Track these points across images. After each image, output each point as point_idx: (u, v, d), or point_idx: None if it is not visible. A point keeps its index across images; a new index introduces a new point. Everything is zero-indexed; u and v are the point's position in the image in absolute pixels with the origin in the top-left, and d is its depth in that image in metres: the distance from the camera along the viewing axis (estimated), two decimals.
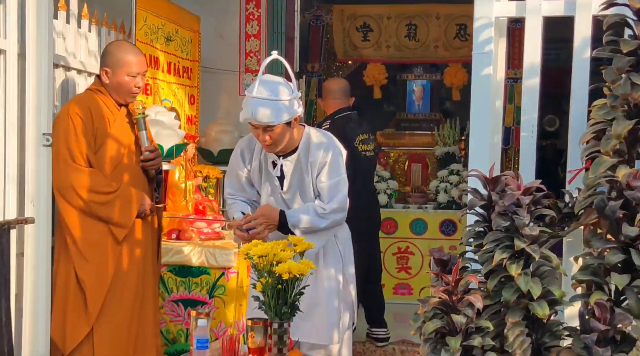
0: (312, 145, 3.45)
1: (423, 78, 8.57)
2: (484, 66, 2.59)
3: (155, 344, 3.98)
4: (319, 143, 3.45)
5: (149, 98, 4.93)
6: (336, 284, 3.60)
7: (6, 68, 3.45)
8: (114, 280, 3.74)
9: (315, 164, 3.43)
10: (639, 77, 2.12)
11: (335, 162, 3.45)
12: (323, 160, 3.43)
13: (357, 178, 5.31)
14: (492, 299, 2.12)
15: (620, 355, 1.87)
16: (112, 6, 5.06)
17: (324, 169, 3.43)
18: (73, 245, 3.69)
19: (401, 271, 7.12)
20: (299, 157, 3.47)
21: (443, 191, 7.33)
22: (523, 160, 2.60)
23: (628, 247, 2.00)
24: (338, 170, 3.45)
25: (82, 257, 3.69)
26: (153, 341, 3.95)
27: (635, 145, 2.20)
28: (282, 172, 3.49)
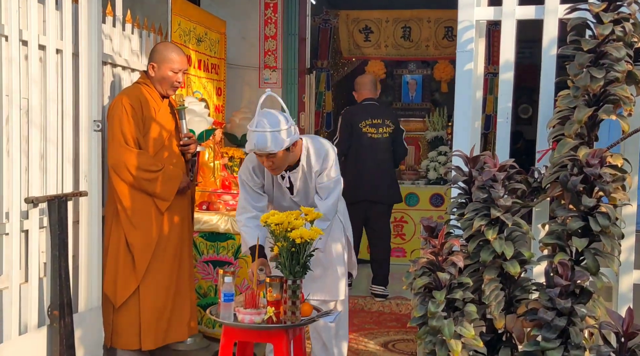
0: (311, 157, 3.42)
1: (416, 73, 8.57)
2: (466, 62, 2.59)
3: (190, 298, 4.01)
4: (318, 154, 3.42)
5: (183, 91, 4.94)
6: (341, 249, 3.62)
7: (63, 65, 3.46)
8: (157, 244, 3.76)
9: (318, 171, 3.43)
10: (597, 71, 2.12)
11: (332, 166, 3.44)
12: (322, 167, 3.42)
13: (361, 152, 5.49)
14: (472, 259, 2.13)
15: (579, 306, 1.88)
16: (151, 12, 5.07)
17: (324, 173, 3.43)
18: (123, 214, 3.71)
19: (397, 237, 7.14)
20: (302, 168, 3.44)
21: (433, 169, 7.36)
22: (499, 142, 2.60)
23: (587, 215, 2.01)
24: (335, 173, 3.46)
25: (131, 224, 3.72)
26: (188, 296, 3.99)
27: (594, 128, 2.20)
28: (290, 182, 3.47)
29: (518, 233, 2.10)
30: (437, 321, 1.99)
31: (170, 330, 3.85)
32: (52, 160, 3.38)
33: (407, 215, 7.18)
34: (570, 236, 2.04)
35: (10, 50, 3.07)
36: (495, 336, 2.12)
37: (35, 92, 3.25)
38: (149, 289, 3.75)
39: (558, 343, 1.87)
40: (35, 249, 3.26)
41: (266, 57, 6.34)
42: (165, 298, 3.80)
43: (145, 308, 3.74)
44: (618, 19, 2.16)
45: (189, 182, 3.90)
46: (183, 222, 3.93)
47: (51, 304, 3.27)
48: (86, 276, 3.63)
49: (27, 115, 3.23)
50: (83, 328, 3.49)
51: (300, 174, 3.45)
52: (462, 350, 1.97)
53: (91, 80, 3.62)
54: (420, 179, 7.41)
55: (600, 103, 2.17)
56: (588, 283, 1.95)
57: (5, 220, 3.08)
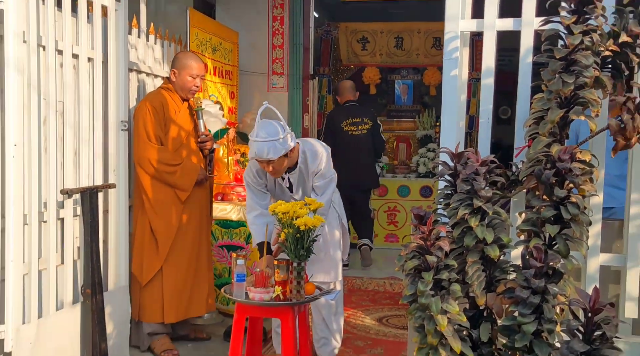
0: (308, 159, 3.43)
1: (407, 78, 8.56)
2: (452, 69, 2.59)
3: (208, 278, 4.03)
4: (313, 157, 3.43)
5: (200, 94, 4.94)
6: (338, 236, 3.64)
7: (94, 71, 3.46)
8: (178, 230, 3.79)
9: (313, 171, 3.44)
10: (568, 77, 2.12)
11: (326, 166, 3.45)
12: (318, 168, 3.43)
13: (344, 149, 5.76)
14: (457, 244, 2.13)
15: (551, 285, 1.89)
16: (171, 24, 5.07)
17: (319, 174, 3.44)
18: (148, 203, 3.74)
19: (390, 224, 7.16)
20: (300, 170, 3.45)
21: (422, 164, 7.37)
22: (480, 140, 2.59)
23: (558, 205, 2.02)
24: (329, 173, 3.47)
25: (155, 212, 3.74)
26: (207, 276, 4.00)
27: (565, 128, 2.20)
28: (290, 182, 3.49)
29: (498, 221, 2.10)
30: (425, 299, 2.00)
31: (190, 306, 3.88)
32: (84, 156, 3.39)
33: (399, 205, 7.19)
34: (543, 223, 2.04)
35: (48, 58, 3.09)
36: (477, 312, 2.13)
37: (69, 96, 3.26)
38: (171, 269, 3.77)
39: (533, 318, 1.88)
40: (70, 235, 3.28)
41: (274, 64, 6.34)
42: (185, 277, 3.82)
43: (167, 286, 3.77)
44: (587, 30, 2.16)
45: (205, 175, 3.92)
46: (201, 211, 3.95)
47: (84, 283, 3.29)
48: (115, 258, 3.65)
49: (63, 117, 3.24)
50: (112, 304, 3.51)
51: (298, 175, 3.46)
52: (448, 324, 1.98)
53: (119, 85, 3.63)
54: (411, 173, 7.42)
55: (570, 106, 2.17)
56: (559, 265, 1.95)
57: (43, 209, 3.10)
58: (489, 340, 2.07)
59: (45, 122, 3.10)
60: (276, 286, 3.11)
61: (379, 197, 7.16)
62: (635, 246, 2.50)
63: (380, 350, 4.01)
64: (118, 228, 3.65)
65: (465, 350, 1.98)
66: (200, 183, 3.87)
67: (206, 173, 3.94)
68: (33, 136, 2.98)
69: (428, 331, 2.00)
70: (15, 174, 2.82)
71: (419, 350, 2.08)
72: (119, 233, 3.66)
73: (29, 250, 2.97)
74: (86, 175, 3.41)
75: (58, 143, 3.19)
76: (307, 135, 6.49)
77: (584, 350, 1.76)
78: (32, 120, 2.97)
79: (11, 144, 2.80)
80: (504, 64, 7.64)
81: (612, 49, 2.24)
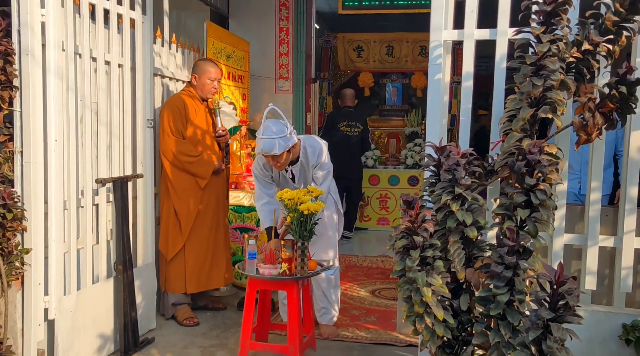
0: (308, 153, 3.42)
1: (397, 82, 8.52)
2: (436, 73, 2.58)
3: (225, 255, 4.03)
4: (313, 151, 3.42)
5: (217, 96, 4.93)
6: (335, 220, 3.65)
7: (123, 76, 3.45)
8: (198, 213, 3.80)
9: (314, 164, 3.44)
10: (537, 80, 2.11)
11: (325, 159, 3.45)
12: (317, 161, 3.42)
13: (341, 146, 6.00)
14: (440, 226, 2.13)
15: (522, 261, 1.88)
16: (191, 35, 5.05)
17: (319, 166, 3.43)
18: (172, 190, 3.75)
19: (382, 209, 7.16)
20: (301, 163, 3.45)
21: (410, 157, 7.36)
22: (461, 135, 2.58)
23: (529, 192, 2.01)
24: (327, 165, 3.46)
25: (178, 197, 3.75)
26: (224, 253, 4.01)
27: (534, 125, 2.19)
28: (293, 174, 3.49)
29: (476, 206, 2.10)
30: (413, 274, 2.00)
31: (209, 279, 3.90)
32: (116, 150, 3.38)
33: (390, 193, 7.19)
34: (515, 208, 2.04)
35: (83, 65, 3.07)
36: (457, 285, 2.13)
37: (102, 98, 3.25)
38: (192, 247, 3.79)
39: (505, 290, 1.88)
40: (104, 218, 3.28)
41: (280, 70, 6.31)
42: (205, 254, 3.84)
43: (189, 261, 3.78)
44: (554, 39, 2.15)
45: (221, 165, 3.92)
46: (218, 196, 3.96)
47: (116, 260, 3.29)
48: (142, 239, 3.65)
49: (97, 116, 3.23)
50: (141, 279, 3.52)
51: (300, 167, 3.47)
52: (432, 295, 1.98)
53: (145, 88, 3.62)
54: (400, 165, 7.42)
55: (539, 105, 2.16)
56: (529, 244, 1.95)
57: (80, 196, 3.10)
58: (468, 309, 2.07)
59: (82, 120, 3.09)
60: (283, 263, 3.11)
61: (372, 186, 7.16)
62: (595, 227, 2.50)
63: (373, 318, 4.02)
64: (145, 213, 3.66)
65: (447, 317, 1.99)
66: (217, 173, 3.87)
67: (222, 164, 3.94)
68: (71, 133, 2.97)
69: (415, 301, 2.01)
70: (56, 166, 2.82)
71: (407, 318, 2.08)
72: (146, 217, 3.66)
73: (69, 232, 2.97)
74: (117, 166, 3.40)
75: (93, 139, 3.19)
76: (310, 132, 6.48)
77: (549, 317, 1.76)
78: (70, 119, 2.96)
79: (52, 140, 2.79)
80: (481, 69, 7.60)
81: (576, 56, 2.23)
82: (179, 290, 3.80)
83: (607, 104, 2.15)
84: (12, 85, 2.55)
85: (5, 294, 2.51)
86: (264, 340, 3.41)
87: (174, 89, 4.21)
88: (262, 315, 3.41)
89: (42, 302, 2.76)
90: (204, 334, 3.63)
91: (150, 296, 3.64)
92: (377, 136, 8.07)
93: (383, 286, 4.89)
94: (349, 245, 6.12)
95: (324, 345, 3.45)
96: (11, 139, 2.61)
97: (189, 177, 3.76)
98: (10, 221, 2.51)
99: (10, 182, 2.61)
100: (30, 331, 2.68)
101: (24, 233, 2.66)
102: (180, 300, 3.85)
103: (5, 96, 2.51)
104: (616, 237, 2.53)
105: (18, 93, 2.62)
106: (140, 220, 3.63)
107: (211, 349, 3.37)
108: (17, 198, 2.58)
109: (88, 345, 3.07)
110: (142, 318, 3.50)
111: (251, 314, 3.12)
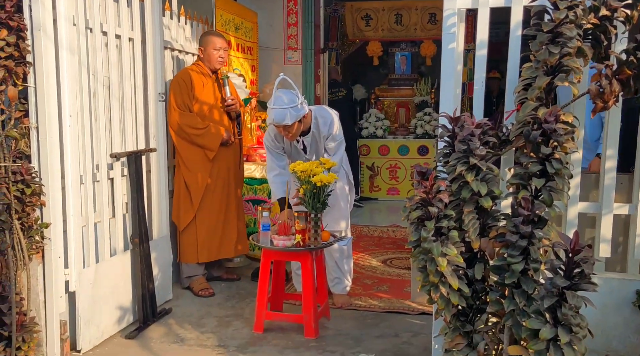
0: (320, 124, 3.42)
1: (406, 50, 8.41)
2: (450, 42, 2.54)
3: (237, 226, 4.06)
4: (324, 121, 3.42)
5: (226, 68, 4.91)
6: (346, 191, 3.67)
7: (134, 50, 3.44)
8: (207, 184, 3.83)
9: (325, 135, 3.43)
10: (554, 48, 2.09)
11: (337, 130, 3.44)
12: (329, 132, 3.42)
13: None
14: (455, 196, 2.13)
15: (537, 230, 1.89)
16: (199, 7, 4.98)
17: (330, 137, 3.44)
18: (182, 162, 3.79)
19: (392, 179, 7.17)
20: (313, 134, 3.45)
21: (420, 126, 7.32)
22: (475, 105, 2.56)
23: (544, 161, 2.01)
24: (339, 136, 3.47)
25: (188, 170, 3.79)
26: (235, 224, 4.04)
27: (550, 93, 2.17)
28: (304, 145, 3.49)
29: (490, 176, 2.09)
30: (428, 244, 2.02)
31: (220, 249, 3.95)
32: (129, 124, 3.40)
33: (400, 163, 7.19)
34: (530, 177, 2.04)
35: (94, 39, 3.07)
36: (472, 255, 2.14)
37: (114, 72, 3.25)
38: (203, 217, 3.84)
39: (520, 258, 1.89)
40: (119, 192, 3.31)
41: (289, 40, 6.26)
42: (215, 224, 3.89)
43: (200, 231, 3.84)
44: (571, 5, 2.11)
45: (230, 137, 3.92)
46: (229, 168, 3.97)
47: (132, 233, 3.34)
48: (157, 212, 3.69)
49: (109, 90, 3.24)
50: (157, 251, 3.58)
51: (311, 138, 3.47)
52: (447, 265, 2.00)
53: (155, 62, 3.61)
54: (410, 134, 7.39)
55: (556, 73, 2.13)
56: (544, 213, 1.96)
57: (96, 170, 3.13)
58: (482, 278, 2.09)
59: (94, 95, 3.10)
60: (296, 235, 3.15)
61: (381, 156, 7.16)
62: (609, 195, 2.50)
63: (385, 287, 4.07)
64: (159, 186, 3.69)
65: (462, 286, 2.01)
66: (225, 144, 3.88)
67: (231, 135, 3.94)
68: (85, 108, 2.98)
69: (430, 271, 2.03)
70: (71, 141, 2.83)
71: (423, 287, 2.11)
72: (160, 190, 3.70)
73: (86, 206, 3.01)
74: (131, 140, 3.42)
75: (106, 113, 3.20)
76: (319, 103, 6.46)
77: (564, 284, 1.78)
78: (84, 94, 2.97)
79: (67, 115, 2.80)
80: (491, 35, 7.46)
81: (593, 22, 2.19)
82: (192, 259, 3.86)
83: (625, 71, 2.12)
84: (26, 61, 2.56)
85: (27, 267, 2.56)
86: (279, 309, 3.47)
87: (184, 62, 4.20)
88: (277, 286, 3.46)
89: (62, 275, 2.82)
90: (220, 304, 3.70)
91: (166, 268, 3.70)
92: (387, 105, 8.02)
93: (394, 255, 4.93)
94: (360, 215, 6.16)
95: (338, 314, 3.51)
96: (26, 115, 2.63)
97: (198, 149, 3.78)
98: (29, 196, 2.55)
99: (27, 158, 2.64)
100: (52, 303, 2.75)
101: (43, 208, 2.70)
102: (194, 271, 3.91)
103: (20, 72, 2.52)
104: (631, 204, 2.53)
105: (32, 69, 2.62)
106: (155, 194, 3.67)
107: (227, 319, 3.44)
108: (35, 174, 2.61)
109: (108, 316, 3.15)
110: (159, 289, 3.57)
111: (266, 284, 3.18)
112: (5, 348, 2.48)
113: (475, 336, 2.06)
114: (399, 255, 4.94)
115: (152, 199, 3.66)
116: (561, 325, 1.78)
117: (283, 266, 3.54)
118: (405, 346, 3.03)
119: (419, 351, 2.96)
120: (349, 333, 3.21)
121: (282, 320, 3.32)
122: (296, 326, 3.24)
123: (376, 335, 3.17)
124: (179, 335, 3.20)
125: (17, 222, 2.51)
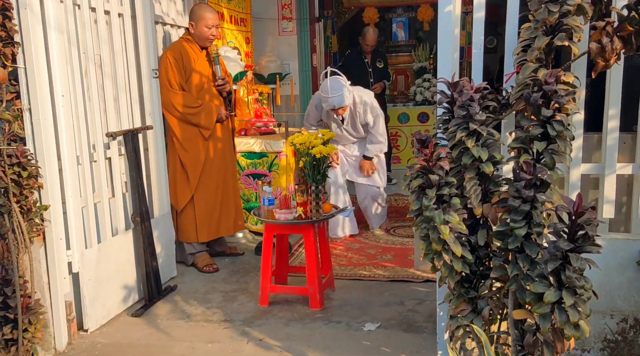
0: (357, 104, 4.24)
1: (403, 16, 8.28)
2: (447, 5, 2.47)
3: (235, 203, 4.07)
4: (360, 100, 4.24)
5: (219, 42, 4.83)
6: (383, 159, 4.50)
7: (124, 26, 3.39)
8: (204, 163, 3.81)
9: (360, 112, 4.27)
10: (554, 6, 2.04)
11: (373, 106, 4.27)
12: (364, 108, 4.25)
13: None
14: (455, 163, 2.11)
15: (539, 194, 1.88)
16: None
17: (367, 112, 4.27)
18: (177, 141, 3.75)
19: (393, 148, 7.12)
20: (350, 109, 4.25)
21: (419, 93, 7.25)
22: (474, 69, 2.51)
23: (545, 123, 1.98)
24: (376, 110, 4.30)
25: (183, 148, 3.75)
26: (233, 201, 4.04)
27: (550, 54, 2.13)
28: (342, 118, 4.28)
29: (491, 141, 2.07)
30: (430, 212, 2.00)
31: (219, 227, 3.96)
32: (123, 102, 3.37)
33: (400, 131, 7.14)
34: (532, 140, 2.01)
35: (83, 16, 3.01)
36: (474, 221, 2.14)
37: (105, 49, 3.21)
38: (200, 196, 3.83)
39: (523, 223, 1.88)
40: (117, 172, 3.30)
41: (283, 10, 6.15)
42: (213, 203, 3.88)
43: (199, 210, 3.83)
44: None
45: (225, 114, 3.89)
46: (224, 145, 3.95)
47: (133, 212, 3.34)
48: (157, 190, 3.69)
49: (101, 68, 3.20)
50: (158, 229, 3.58)
51: (349, 112, 4.27)
52: (450, 232, 1.99)
53: (147, 37, 3.55)
54: (409, 101, 7.32)
55: (555, 33, 2.09)
56: (546, 177, 1.94)
57: (92, 150, 3.11)
58: (485, 244, 2.09)
59: (87, 73, 3.06)
60: (298, 207, 3.15)
61: None
62: (612, 155, 2.47)
63: (389, 256, 4.09)
64: (158, 164, 3.67)
65: (465, 253, 2.01)
66: (220, 121, 3.85)
67: (225, 112, 3.90)
68: (77, 87, 2.95)
69: (432, 239, 2.02)
70: (65, 121, 2.81)
71: (426, 256, 2.10)
72: (159, 168, 3.68)
73: (84, 186, 3.00)
74: (126, 119, 3.39)
75: (99, 93, 3.16)
76: (316, 74, 6.38)
77: (568, 247, 1.77)
78: (75, 73, 2.93)
79: (59, 95, 2.77)
80: None
81: None
82: (192, 239, 3.88)
83: (626, 27, 2.07)
84: (14, 41, 2.51)
85: (29, 250, 2.57)
86: (284, 282, 3.50)
87: (176, 37, 4.13)
88: (280, 259, 3.48)
89: (64, 256, 2.82)
90: (224, 279, 3.72)
91: (169, 246, 3.71)
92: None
93: (397, 224, 4.94)
94: None
95: (343, 284, 3.53)
96: (18, 97, 2.59)
97: (193, 128, 3.74)
98: (26, 179, 2.53)
99: (22, 140, 2.61)
100: (56, 285, 2.76)
101: (41, 190, 2.69)
102: (197, 248, 3.93)
103: (8, 53, 2.47)
104: (634, 163, 2.51)
105: (20, 49, 2.58)
106: (154, 172, 3.65)
107: (232, 293, 3.47)
108: (31, 156, 2.59)
109: (113, 295, 3.17)
110: (163, 266, 3.59)
111: (270, 258, 3.19)
112: (12, 330, 2.50)
113: (479, 301, 2.07)
114: (401, 223, 4.95)
115: (151, 177, 3.64)
116: (565, 288, 1.78)
117: (286, 239, 3.55)
118: (410, 314, 3.05)
119: (424, 318, 2.98)
120: (354, 303, 3.24)
121: (287, 293, 3.34)
122: (301, 299, 3.26)
123: (381, 304, 3.20)
124: (185, 311, 3.22)
125: (16, 205, 2.51)
